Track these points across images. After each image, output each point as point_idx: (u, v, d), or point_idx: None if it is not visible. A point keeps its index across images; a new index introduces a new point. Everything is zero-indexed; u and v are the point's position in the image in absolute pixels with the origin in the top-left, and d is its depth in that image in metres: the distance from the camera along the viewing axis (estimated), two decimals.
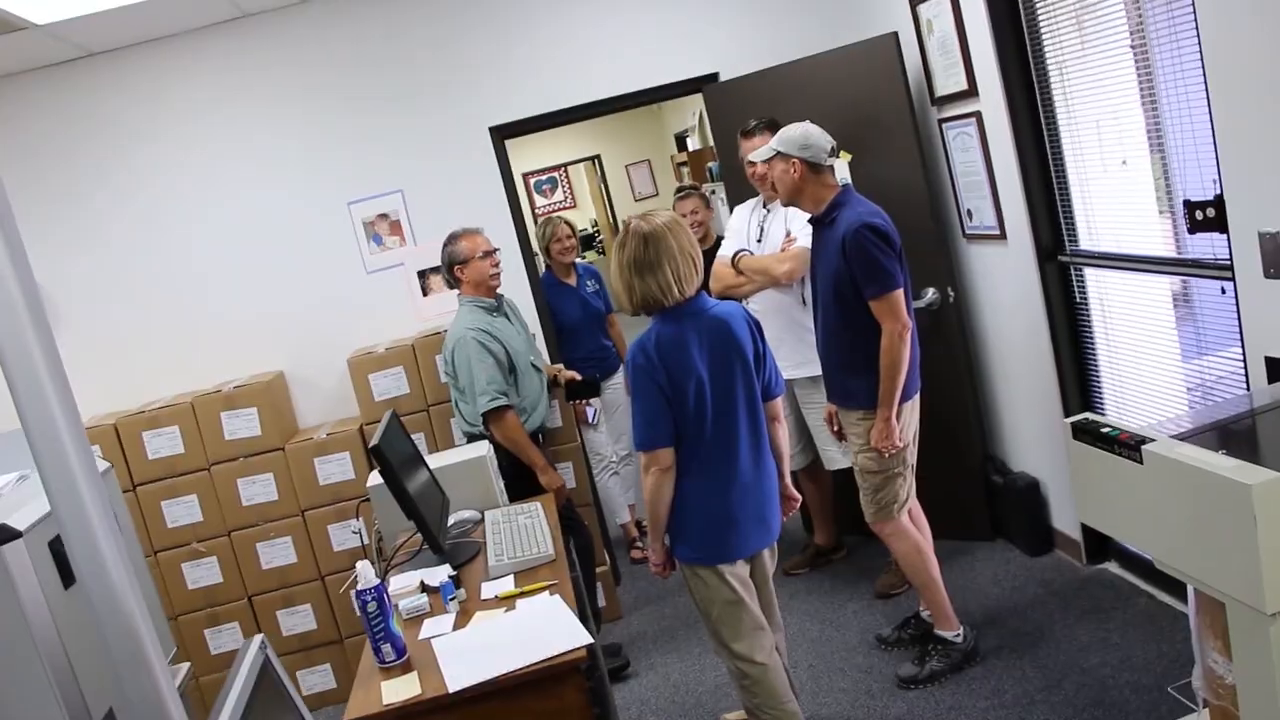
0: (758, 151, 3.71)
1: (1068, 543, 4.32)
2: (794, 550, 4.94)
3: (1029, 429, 4.46)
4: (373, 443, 2.97)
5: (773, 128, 4.13)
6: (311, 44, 4.79)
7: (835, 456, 4.41)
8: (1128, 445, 2.40)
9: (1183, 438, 2.41)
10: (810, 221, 3.67)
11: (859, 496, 3.77)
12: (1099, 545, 4.18)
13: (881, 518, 3.70)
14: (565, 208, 14.50)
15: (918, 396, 3.67)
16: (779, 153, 3.54)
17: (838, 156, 3.60)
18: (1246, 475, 2.06)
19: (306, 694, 4.74)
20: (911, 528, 3.73)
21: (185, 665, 3.19)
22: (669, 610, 4.78)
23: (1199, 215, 3.04)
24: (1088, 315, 3.99)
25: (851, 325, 3.54)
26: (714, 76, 4.96)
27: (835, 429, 3.92)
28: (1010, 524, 4.56)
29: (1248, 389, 3.02)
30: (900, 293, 3.45)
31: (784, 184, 3.58)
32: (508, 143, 5.04)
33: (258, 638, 1.53)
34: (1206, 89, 2.84)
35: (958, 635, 3.76)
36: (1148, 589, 3.92)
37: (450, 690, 2.35)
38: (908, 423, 3.62)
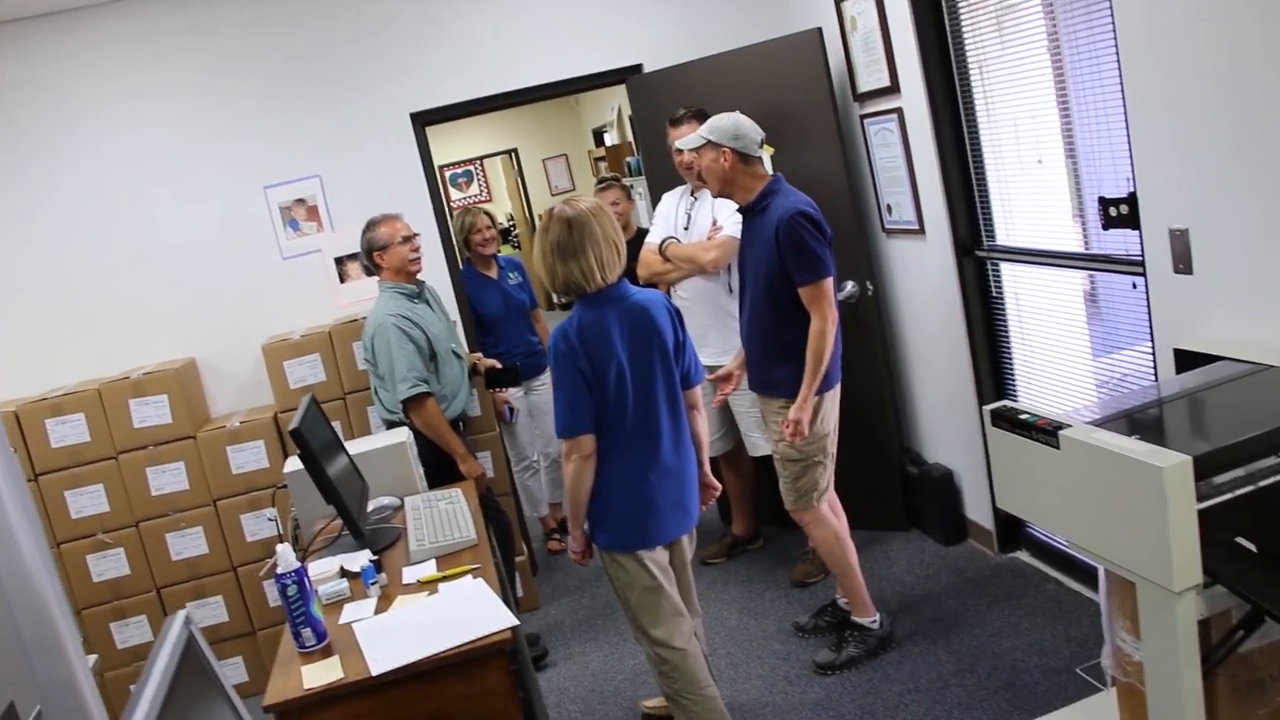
0: (686, 139, 3.68)
1: (980, 532, 4.41)
2: (711, 540, 4.97)
3: (944, 422, 4.54)
4: (292, 425, 2.91)
5: (700, 117, 4.16)
6: (228, 24, 4.66)
7: (758, 443, 4.44)
8: (1045, 431, 2.46)
9: (1095, 425, 2.48)
10: (741, 210, 3.68)
11: (779, 485, 3.80)
12: (1010, 534, 4.28)
13: (801, 506, 3.73)
14: (481, 201, 14.39)
15: (839, 387, 3.71)
16: (709, 141, 3.54)
17: (764, 148, 3.62)
18: (1158, 458, 2.14)
19: None
20: (831, 516, 3.77)
21: (93, 657, 3.11)
22: (587, 600, 4.78)
23: (1112, 212, 3.13)
24: (1003, 310, 4.08)
25: (778, 314, 3.56)
26: (637, 68, 4.97)
27: (727, 389, 3.94)
28: (925, 514, 4.64)
29: (1156, 380, 3.12)
30: (831, 281, 3.49)
31: (713, 173, 3.57)
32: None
33: (181, 614, 1.49)
34: (1122, 89, 2.93)
35: (874, 621, 3.81)
36: (1056, 576, 4.02)
37: (373, 673, 2.32)
38: (828, 413, 3.66)
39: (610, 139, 11.41)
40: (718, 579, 4.71)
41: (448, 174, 14.04)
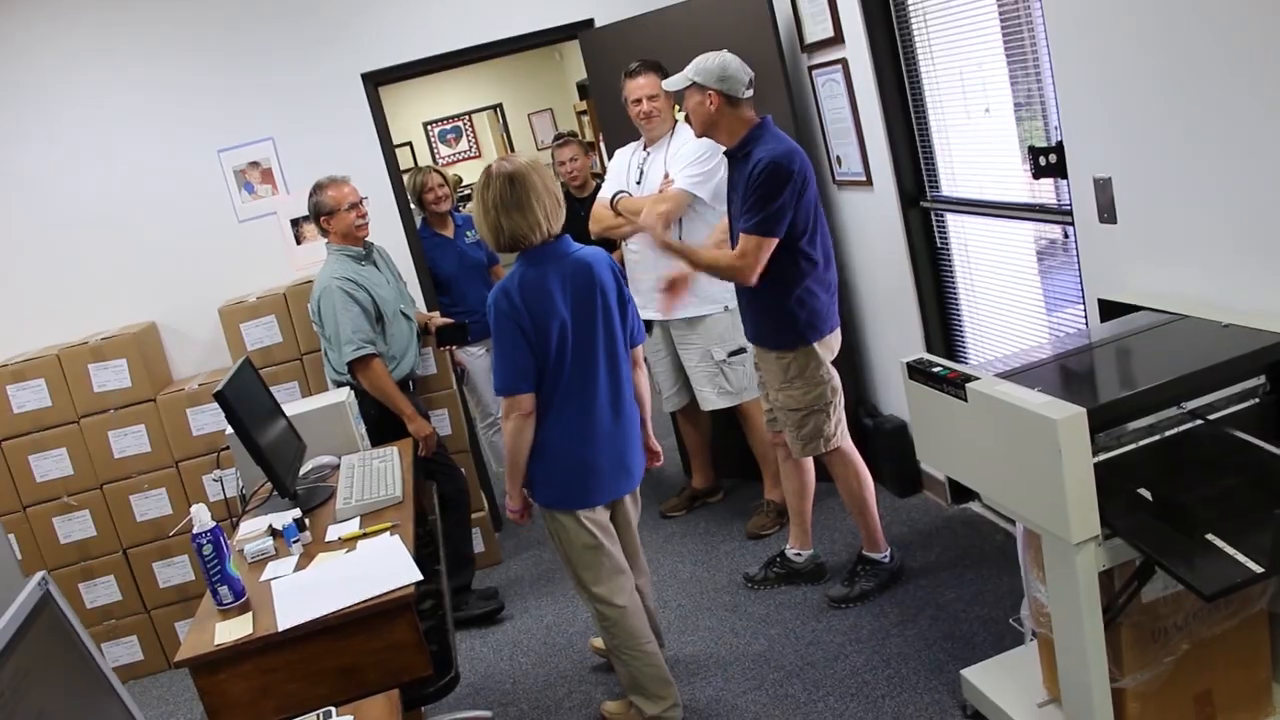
0: (671, 80, 3.58)
1: (934, 484, 4.43)
2: (671, 493, 5.00)
3: (897, 372, 4.52)
4: (217, 389, 2.94)
5: (656, 68, 4.15)
6: None
7: (710, 397, 4.46)
8: (954, 383, 2.47)
9: (1010, 375, 2.48)
10: (726, 155, 3.63)
11: (785, 434, 3.77)
12: (963, 486, 4.27)
13: (808, 453, 3.73)
14: (470, 157, 14.30)
15: (830, 337, 3.67)
16: (695, 83, 3.47)
17: (753, 89, 3.54)
18: (1053, 410, 2.14)
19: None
20: (853, 455, 3.77)
21: None
22: (547, 555, 4.81)
23: (1042, 161, 3.12)
24: (949, 260, 4.06)
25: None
26: (589, 23, 4.92)
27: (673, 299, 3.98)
28: (881, 466, 4.64)
29: (1087, 330, 3.12)
30: (770, 242, 3.38)
31: (698, 116, 3.51)
32: (407, 89, 4.96)
33: (39, 574, 1.51)
34: (1046, 38, 2.91)
35: (885, 556, 3.84)
36: (1005, 527, 4.04)
37: (280, 628, 2.35)
38: (822, 362, 3.63)
39: None
40: (676, 531, 4.74)
41: (436, 130, 13.96)
